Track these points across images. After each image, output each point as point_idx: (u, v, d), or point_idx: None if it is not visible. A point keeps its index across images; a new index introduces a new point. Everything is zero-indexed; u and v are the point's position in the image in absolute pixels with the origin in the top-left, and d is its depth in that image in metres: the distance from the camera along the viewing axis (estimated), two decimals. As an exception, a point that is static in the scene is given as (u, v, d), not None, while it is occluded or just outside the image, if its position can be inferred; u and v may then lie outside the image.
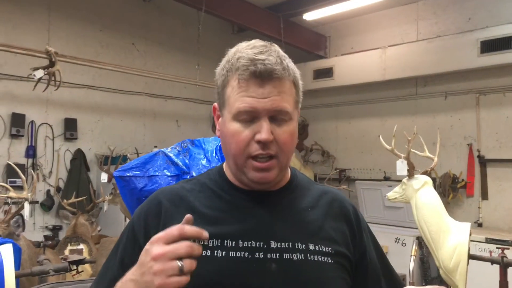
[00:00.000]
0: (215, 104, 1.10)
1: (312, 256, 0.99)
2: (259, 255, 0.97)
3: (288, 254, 0.98)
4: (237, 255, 0.96)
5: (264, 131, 0.95)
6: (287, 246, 0.99)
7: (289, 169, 1.14)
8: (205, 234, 0.82)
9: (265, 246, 0.98)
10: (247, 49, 1.00)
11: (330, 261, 1.01)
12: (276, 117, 0.98)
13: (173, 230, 0.81)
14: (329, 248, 1.02)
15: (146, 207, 1.07)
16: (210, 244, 0.97)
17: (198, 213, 1.01)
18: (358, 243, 1.10)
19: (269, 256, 0.97)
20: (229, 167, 1.08)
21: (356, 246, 1.09)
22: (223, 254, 0.96)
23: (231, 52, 1.04)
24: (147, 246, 0.84)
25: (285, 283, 0.96)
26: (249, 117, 0.97)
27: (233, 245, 0.97)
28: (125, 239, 1.06)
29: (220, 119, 1.06)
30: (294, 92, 1.02)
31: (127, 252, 1.03)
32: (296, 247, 1.00)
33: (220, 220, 1.01)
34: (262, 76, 0.96)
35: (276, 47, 1.03)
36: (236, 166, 1.02)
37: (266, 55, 0.97)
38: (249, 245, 0.97)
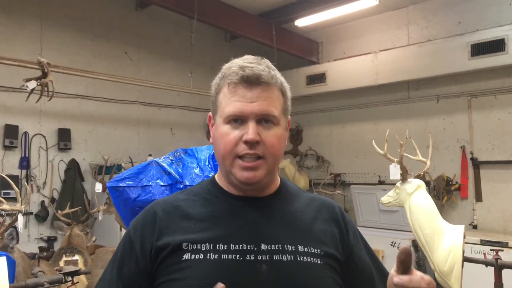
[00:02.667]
0: (210, 113, 1.16)
1: (301, 257, 1.03)
2: (250, 257, 1.00)
3: (278, 256, 1.01)
4: (229, 257, 0.99)
5: (250, 132, 1.01)
6: (277, 248, 1.02)
7: (278, 177, 1.18)
8: None
9: (255, 248, 1.02)
10: (238, 61, 1.08)
11: (319, 262, 1.04)
12: (264, 120, 1.04)
13: None
14: (318, 250, 1.06)
15: (142, 217, 1.11)
16: (203, 248, 1.00)
17: (192, 219, 1.06)
18: (346, 243, 1.13)
19: (259, 258, 1.00)
20: (220, 170, 1.14)
21: (344, 246, 1.12)
22: (215, 257, 0.99)
23: (225, 65, 1.10)
24: None
25: (275, 283, 0.99)
26: (238, 119, 1.03)
27: (225, 248, 1.01)
28: (122, 249, 1.09)
29: (213, 125, 1.12)
30: (281, 100, 1.08)
31: (125, 262, 1.06)
32: (286, 248, 1.03)
33: (212, 224, 1.05)
34: (249, 80, 1.03)
35: (266, 60, 1.09)
36: (225, 167, 1.07)
37: (255, 64, 1.05)
38: (240, 248, 1.01)
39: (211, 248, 1.00)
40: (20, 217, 2.97)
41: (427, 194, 3.30)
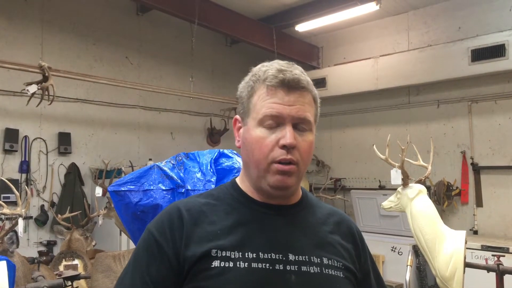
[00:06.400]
0: (237, 116, 1.13)
1: (326, 270, 1.03)
2: (279, 267, 0.99)
3: (305, 267, 1.01)
4: (258, 266, 0.98)
5: (288, 136, 1.00)
6: (304, 259, 1.02)
7: (300, 188, 1.17)
8: None
9: (284, 258, 1.00)
10: (272, 64, 1.07)
11: (341, 275, 1.04)
12: (299, 125, 1.03)
13: None
14: (340, 263, 1.06)
15: (167, 220, 1.05)
16: (232, 256, 0.98)
17: (218, 226, 1.03)
18: (362, 264, 1.13)
19: (288, 268, 1.00)
20: (249, 175, 1.09)
21: (361, 266, 1.13)
22: (245, 265, 0.97)
23: (256, 68, 1.10)
24: None
25: None
26: (274, 122, 1.01)
27: (254, 256, 0.99)
28: (147, 254, 1.02)
29: (242, 129, 1.09)
30: (314, 107, 1.08)
31: (152, 266, 1.00)
32: (312, 260, 1.03)
33: (239, 231, 1.03)
34: (289, 84, 1.02)
35: (299, 67, 1.09)
36: (258, 172, 1.04)
37: (292, 68, 1.05)
38: (269, 257, 0.99)
39: (240, 256, 0.98)
40: (20, 221, 2.96)
41: (428, 199, 3.30)
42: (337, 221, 1.15)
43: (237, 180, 1.15)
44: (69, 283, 3.16)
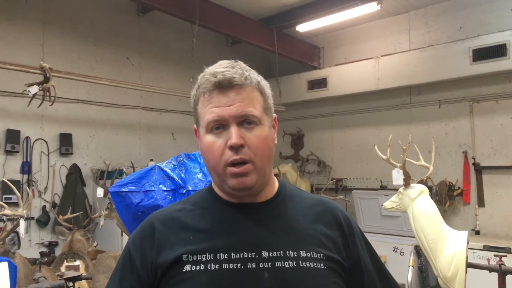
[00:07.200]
0: (194, 125, 1.13)
1: (304, 263, 1.01)
2: (251, 265, 0.98)
3: (280, 262, 1.00)
4: (230, 267, 0.98)
5: (233, 136, 0.99)
6: (278, 255, 1.01)
7: (276, 181, 1.16)
8: None
9: (256, 256, 1.00)
10: (211, 68, 1.07)
11: (322, 266, 1.02)
12: (245, 121, 1.02)
13: None
14: (321, 254, 1.04)
15: (140, 231, 1.10)
16: (203, 259, 0.99)
17: (191, 230, 1.05)
18: (351, 250, 1.11)
19: (261, 265, 0.99)
20: (213, 181, 1.11)
21: (349, 253, 1.10)
22: (216, 267, 0.98)
23: (201, 74, 1.09)
24: None
25: None
26: (219, 126, 1.02)
27: (226, 257, 0.99)
28: (123, 263, 1.09)
29: (199, 138, 1.10)
30: (260, 99, 1.06)
31: (126, 276, 1.06)
32: (288, 254, 1.01)
33: (212, 234, 1.04)
34: (222, 85, 1.02)
35: (240, 63, 1.08)
36: (218, 177, 1.05)
37: (228, 68, 1.04)
38: (241, 256, 0.99)
39: (212, 258, 0.99)
40: (22, 222, 2.96)
41: (430, 200, 3.29)
42: (320, 211, 1.13)
43: (213, 183, 1.15)
44: (71, 284, 3.15)
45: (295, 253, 1.02)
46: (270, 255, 1.00)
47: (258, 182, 1.04)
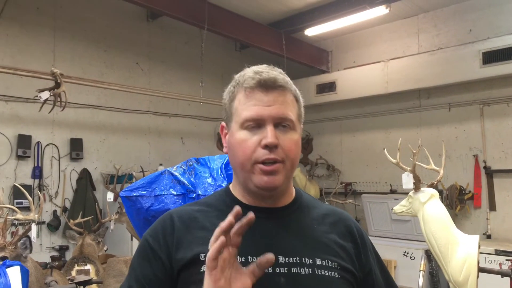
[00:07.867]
0: (223, 123, 1.13)
1: (319, 271, 1.01)
2: (268, 270, 0.97)
3: (296, 269, 1.00)
4: None
5: (269, 135, 0.99)
6: (294, 261, 1.01)
7: (294, 189, 1.17)
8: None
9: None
10: (251, 68, 1.08)
11: (336, 276, 1.02)
12: (281, 124, 1.02)
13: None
14: (335, 263, 1.04)
15: (161, 226, 1.08)
16: None
17: (209, 231, 1.01)
18: (363, 262, 1.11)
19: (277, 270, 0.98)
20: (237, 179, 1.11)
21: (361, 264, 1.10)
22: None
23: (237, 75, 1.10)
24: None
25: None
26: (255, 124, 1.02)
27: (243, 260, 0.98)
28: (141, 260, 1.06)
29: (227, 134, 1.10)
30: (296, 106, 1.08)
31: (146, 270, 1.04)
32: (304, 261, 1.01)
33: None
34: (266, 84, 1.02)
35: (278, 69, 1.09)
36: (244, 174, 1.04)
37: (270, 69, 1.06)
38: None
39: None
40: (34, 227, 2.99)
41: (441, 204, 3.27)
42: (334, 221, 1.14)
43: (231, 185, 1.16)
44: (81, 288, 3.17)
45: (311, 260, 1.02)
46: (287, 261, 1.00)
47: (284, 183, 1.05)
